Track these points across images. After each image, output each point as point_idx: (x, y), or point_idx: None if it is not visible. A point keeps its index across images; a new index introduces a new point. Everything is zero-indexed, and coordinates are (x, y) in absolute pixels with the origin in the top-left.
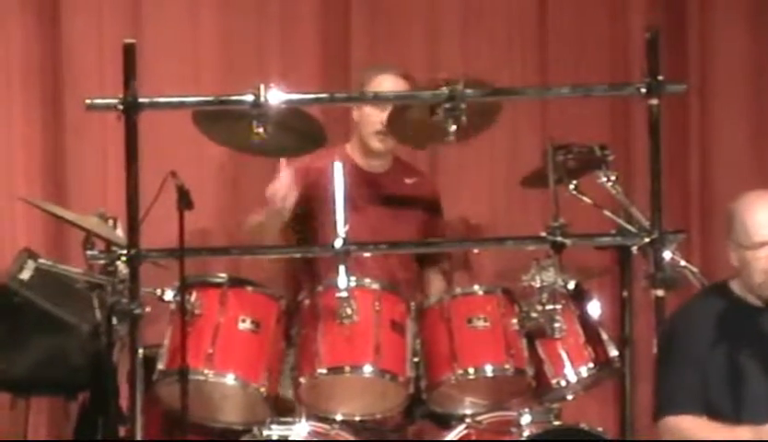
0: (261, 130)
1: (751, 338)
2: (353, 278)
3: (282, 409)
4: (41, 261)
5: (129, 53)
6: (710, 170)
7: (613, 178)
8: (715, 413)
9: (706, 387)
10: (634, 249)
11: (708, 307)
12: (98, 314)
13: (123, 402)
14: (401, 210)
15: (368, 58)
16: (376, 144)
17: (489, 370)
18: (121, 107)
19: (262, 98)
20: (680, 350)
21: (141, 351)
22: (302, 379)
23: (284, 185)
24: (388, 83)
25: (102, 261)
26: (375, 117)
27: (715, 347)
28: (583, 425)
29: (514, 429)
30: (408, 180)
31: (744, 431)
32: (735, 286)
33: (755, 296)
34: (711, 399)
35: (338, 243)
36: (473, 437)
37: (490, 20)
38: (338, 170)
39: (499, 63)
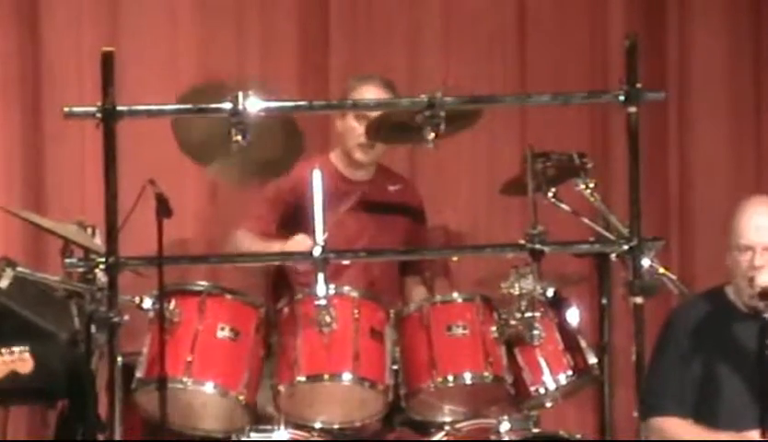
0: (239, 138)
1: (735, 344)
2: (332, 286)
3: (261, 420)
4: (20, 269)
5: (107, 61)
6: (689, 178)
7: (592, 185)
8: (702, 418)
9: (695, 390)
10: (613, 256)
11: (701, 311)
12: (76, 322)
13: (102, 411)
14: (385, 217)
15: (348, 66)
16: (359, 155)
17: (468, 378)
18: (99, 115)
19: (240, 106)
20: (670, 352)
21: (120, 359)
22: (281, 387)
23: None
24: (370, 93)
25: (81, 270)
26: (358, 130)
27: (703, 350)
28: (562, 433)
29: (493, 436)
30: (391, 188)
31: (728, 437)
32: (729, 292)
33: (741, 298)
34: (699, 402)
35: (316, 251)
36: None
37: (470, 28)
38: (317, 178)
39: (479, 70)
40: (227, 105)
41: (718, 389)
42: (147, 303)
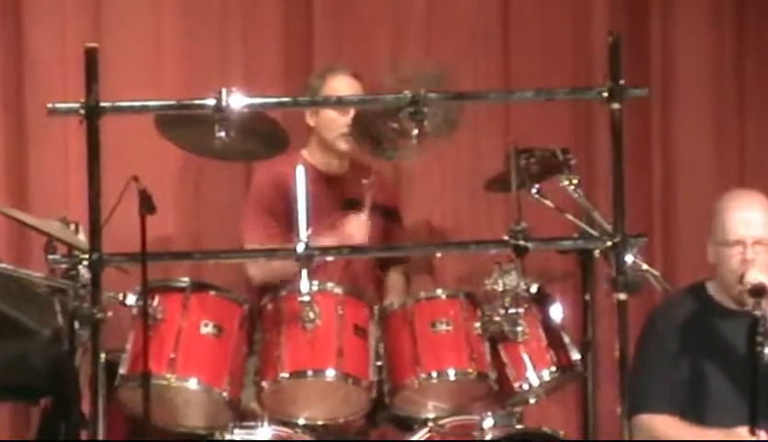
0: (223, 134)
1: (721, 341)
2: (315, 282)
3: (244, 417)
4: (2, 265)
5: (91, 58)
6: (672, 174)
7: (575, 181)
8: (688, 415)
9: (681, 387)
10: (597, 252)
11: (685, 307)
12: (59, 319)
13: (85, 407)
14: (359, 211)
15: (332, 62)
16: (343, 144)
17: (452, 374)
18: (82, 111)
19: (224, 103)
20: (655, 350)
21: (103, 356)
22: (265, 384)
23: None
24: (342, 83)
25: (64, 266)
26: (339, 120)
27: (688, 348)
28: (545, 429)
29: (476, 433)
30: (365, 181)
31: (716, 433)
32: (711, 288)
33: (728, 294)
34: (685, 400)
35: (300, 247)
36: (436, 441)
37: (454, 24)
38: (300, 174)
39: (462, 66)
40: (211, 101)
41: (705, 386)
42: (131, 299)
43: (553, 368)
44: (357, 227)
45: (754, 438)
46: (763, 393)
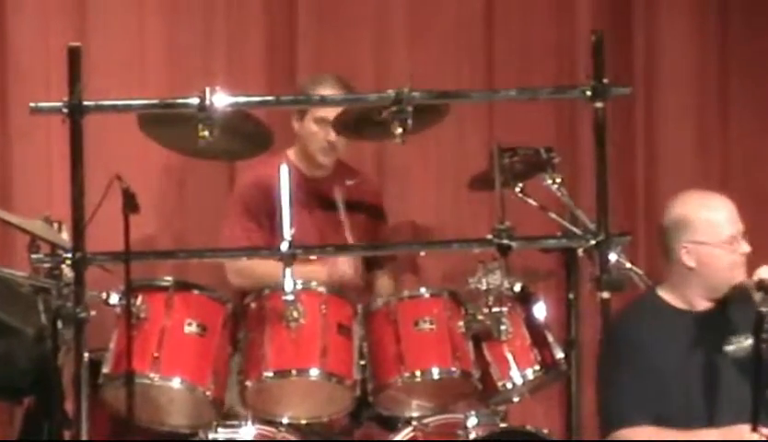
0: (206, 133)
1: (689, 342)
2: (299, 281)
3: (228, 416)
4: None
5: (74, 56)
6: (655, 173)
7: (559, 180)
8: (666, 421)
9: (655, 395)
10: (580, 251)
11: (645, 316)
12: (43, 318)
13: (69, 407)
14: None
15: (315, 63)
16: (322, 159)
17: (436, 373)
18: (66, 110)
19: (208, 102)
20: (624, 362)
21: (86, 355)
22: (249, 383)
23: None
24: (327, 93)
25: (47, 265)
26: (320, 134)
27: (658, 355)
28: (529, 428)
29: (460, 431)
30: (349, 182)
31: (700, 435)
32: (662, 293)
33: (711, 294)
34: (660, 407)
35: (284, 246)
36: (420, 440)
37: (437, 24)
38: (284, 174)
39: (446, 66)
40: (195, 100)
41: (688, 389)
42: (114, 298)
43: (537, 367)
44: (348, 267)
45: (757, 437)
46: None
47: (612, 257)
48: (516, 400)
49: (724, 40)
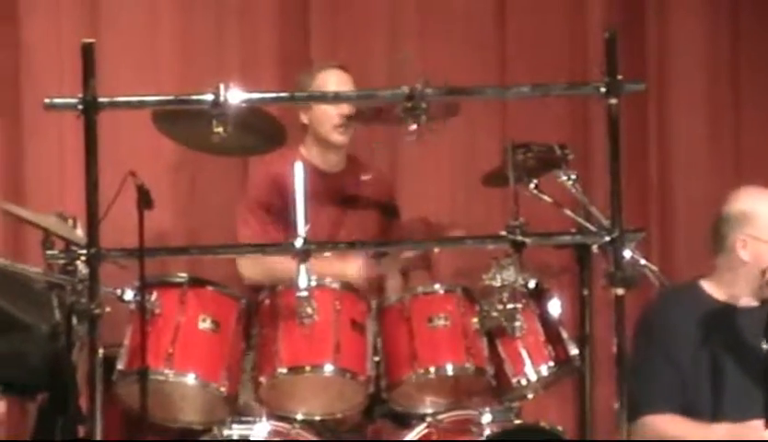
0: (220, 129)
1: (727, 336)
2: (313, 278)
3: (242, 412)
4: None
5: (88, 53)
6: (668, 169)
7: (573, 177)
8: (693, 413)
9: (684, 386)
10: (594, 247)
11: (684, 306)
12: (57, 314)
13: (83, 403)
14: (356, 207)
15: (328, 58)
16: (337, 137)
17: (449, 369)
18: (80, 106)
19: (222, 98)
20: (657, 349)
21: (100, 351)
22: (262, 379)
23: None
24: (332, 77)
25: (62, 261)
26: (332, 111)
27: (693, 346)
28: (543, 424)
29: (474, 428)
30: (363, 177)
31: (721, 428)
32: (706, 285)
33: (747, 291)
34: (689, 398)
35: (298, 243)
36: (434, 437)
37: (449, 19)
38: (299, 170)
39: (458, 61)
40: (209, 96)
41: (720, 382)
42: (128, 295)
43: (551, 363)
44: (356, 270)
45: None
46: None
47: (627, 253)
48: (530, 396)
49: (736, 36)
